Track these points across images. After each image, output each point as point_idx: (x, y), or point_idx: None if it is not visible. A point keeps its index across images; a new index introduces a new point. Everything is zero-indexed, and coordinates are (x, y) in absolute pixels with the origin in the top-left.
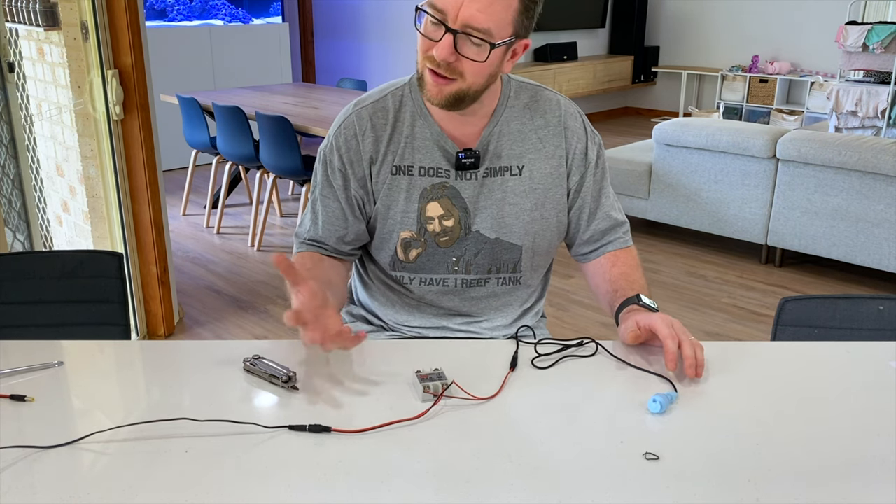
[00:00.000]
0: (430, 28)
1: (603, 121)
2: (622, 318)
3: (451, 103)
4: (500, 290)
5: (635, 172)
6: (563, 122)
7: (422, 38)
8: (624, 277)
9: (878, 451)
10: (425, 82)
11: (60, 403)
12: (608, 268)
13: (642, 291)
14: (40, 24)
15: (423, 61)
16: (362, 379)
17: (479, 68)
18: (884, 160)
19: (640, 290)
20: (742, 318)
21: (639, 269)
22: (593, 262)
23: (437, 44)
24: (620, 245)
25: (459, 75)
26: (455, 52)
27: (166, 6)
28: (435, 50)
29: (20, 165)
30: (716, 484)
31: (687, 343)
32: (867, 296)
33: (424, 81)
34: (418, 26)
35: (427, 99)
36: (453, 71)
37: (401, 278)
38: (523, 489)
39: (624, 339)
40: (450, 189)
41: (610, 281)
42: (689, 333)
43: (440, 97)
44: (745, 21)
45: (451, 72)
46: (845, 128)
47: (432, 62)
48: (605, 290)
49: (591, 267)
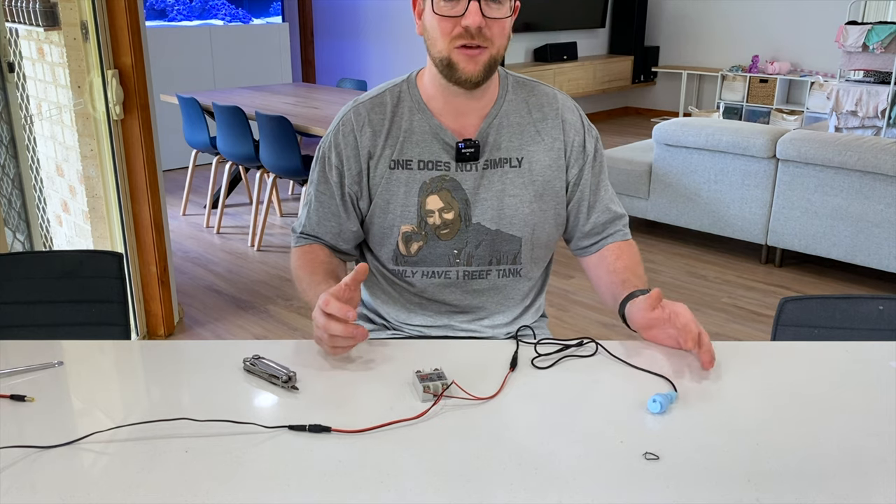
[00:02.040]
0: (448, 5)
1: (603, 121)
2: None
3: (485, 74)
4: (501, 283)
5: (635, 172)
6: (560, 115)
7: (441, 22)
8: (630, 270)
9: (878, 451)
10: (456, 62)
11: (60, 403)
12: (612, 260)
13: (646, 285)
14: (40, 24)
15: (448, 44)
16: (362, 379)
17: (503, 28)
18: (884, 160)
19: (645, 284)
20: (742, 318)
21: (641, 264)
22: (595, 254)
23: (461, 17)
24: (620, 238)
25: (489, 41)
26: (483, 16)
27: (166, 6)
28: (466, 19)
29: (20, 165)
30: (716, 484)
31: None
32: (867, 296)
33: (454, 62)
34: (436, 9)
35: (462, 78)
36: (484, 38)
37: (403, 272)
38: (523, 489)
39: (639, 306)
40: (450, 181)
41: (615, 272)
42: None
43: (476, 70)
44: (745, 21)
45: (483, 39)
46: (845, 128)
47: (463, 37)
48: (608, 281)
49: (592, 259)
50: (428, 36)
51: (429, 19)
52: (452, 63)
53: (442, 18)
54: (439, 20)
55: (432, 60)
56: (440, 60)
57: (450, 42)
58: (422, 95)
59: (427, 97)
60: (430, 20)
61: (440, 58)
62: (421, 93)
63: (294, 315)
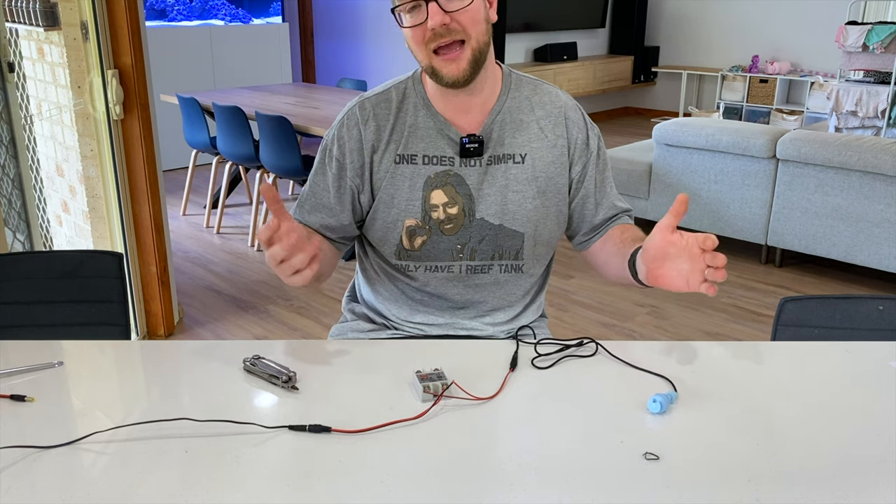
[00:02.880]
0: (412, 16)
1: (603, 121)
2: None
3: (471, 71)
4: (503, 278)
5: (635, 172)
6: (563, 112)
7: (413, 32)
8: (639, 239)
9: (878, 451)
10: (438, 68)
11: (60, 403)
12: (618, 234)
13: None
14: (40, 24)
15: (425, 52)
16: (362, 379)
17: (473, 15)
18: (884, 160)
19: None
20: (742, 318)
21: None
22: (599, 239)
23: (426, 22)
24: (624, 222)
25: (462, 33)
26: (445, 12)
27: (166, 6)
28: (429, 21)
29: (20, 165)
30: (716, 484)
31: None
32: (867, 296)
33: (437, 69)
34: (403, 24)
35: (447, 82)
36: (455, 31)
37: (405, 267)
38: (523, 489)
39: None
40: (454, 176)
41: (623, 242)
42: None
43: (459, 70)
44: (745, 21)
45: (455, 33)
46: (845, 128)
47: (434, 39)
48: (616, 250)
49: (597, 245)
50: (410, 49)
51: (405, 35)
52: (435, 70)
53: (412, 30)
54: (411, 32)
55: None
56: (426, 68)
57: (426, 49)
58: (426, 92)
59: (431, 94)
60: (406, 35)
61: (425, 66)
62: (426, 89)
63: (294, 315)
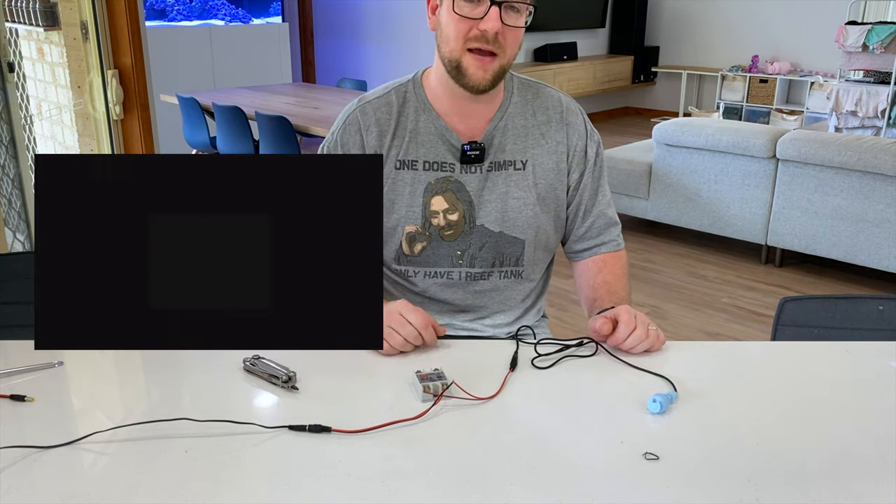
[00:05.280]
0: (469, 6)
1: (603, 121)
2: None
3: (493, 82)
4: (503, 284)
5: (635, 172)
6: (564, 118)
7: (458, 22)
8: (606, 286)
9: (878, 451)
10: (465, 67)
11: (60, 403)
12: (594, 273)
13: (624, 301)
14: (40, 24)
15: (461, 45)
16: (362, 379)
17: (517, 37)
18: (884, 160)
19: (621, 301)
20: (742, 318)
21: (624, 276)
22: (583, 262)
23: (480, 21)
24: (612, 248)
25: (502, 49)
26: (502, 22)
27: (166, 6)
28: (484, 24)
29: (20, 165)
30: (716, 484)
31: (642, 326)
32: (867, 296)
33: (464, 67)
34: (455, 9)
35: (469, 84)
36: (499, 45)
37: (405, 272)
38: (523, 489)
39: (592, 325)
40: (454, 182)
41: (593, 288)
42: (651, 324)
43: (485, 78)
44: (745, 21)
45: (498, 46)
46: (845, 128)
47: (478, 40)
48: (586, 294)
49: (579, 267)
50: (441, 33)
51: (445, 17)
52: (462, 67)
53: (460, 19)
54: (457, 20)
55: (441, 59)
56: (450, 61)
57: (464, 44)
58: (427, 96)
59: (433, 98)
60: (445, 18)
61: (450, 58)
62: (427, 93)
63: None
